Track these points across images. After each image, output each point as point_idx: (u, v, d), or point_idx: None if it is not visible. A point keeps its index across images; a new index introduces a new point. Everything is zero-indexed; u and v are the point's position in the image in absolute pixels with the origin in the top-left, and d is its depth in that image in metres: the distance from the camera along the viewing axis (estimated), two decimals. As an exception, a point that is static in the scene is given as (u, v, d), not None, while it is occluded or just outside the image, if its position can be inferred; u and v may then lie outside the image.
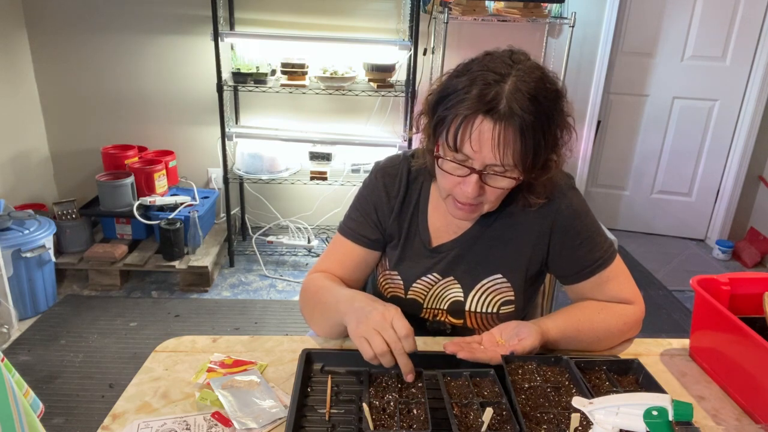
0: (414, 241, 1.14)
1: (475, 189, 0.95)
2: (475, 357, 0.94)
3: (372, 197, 1.14)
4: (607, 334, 1.06)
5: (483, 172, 0.94)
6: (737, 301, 1.03)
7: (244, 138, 3.06)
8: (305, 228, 3.33)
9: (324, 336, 1.09)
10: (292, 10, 3.05)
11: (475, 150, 0.92)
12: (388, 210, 1.14)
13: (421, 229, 1.14)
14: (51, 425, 1.90)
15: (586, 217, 1.08)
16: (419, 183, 1.14)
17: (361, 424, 0.86)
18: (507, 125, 0.89)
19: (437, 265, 1.13)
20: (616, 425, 0.72)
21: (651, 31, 3.32)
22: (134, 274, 2.93)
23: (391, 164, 1.15)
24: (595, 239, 1.08)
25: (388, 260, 1.18)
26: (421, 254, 1.14)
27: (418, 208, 1.14)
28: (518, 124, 0.89)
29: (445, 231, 1.13)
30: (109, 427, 0.86)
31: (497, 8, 2.99)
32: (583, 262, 1.08)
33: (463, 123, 0.91)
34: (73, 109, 3.17)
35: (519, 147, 0.91)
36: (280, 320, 2.61)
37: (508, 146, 0.90)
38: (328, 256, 1.17)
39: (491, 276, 1.11)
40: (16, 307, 2.41)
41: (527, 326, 0.99)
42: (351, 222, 1.16)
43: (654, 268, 3.27)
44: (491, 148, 0.90)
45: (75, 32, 3.03)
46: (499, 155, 0.91)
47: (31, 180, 3.10)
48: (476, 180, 0.95)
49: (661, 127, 3.51)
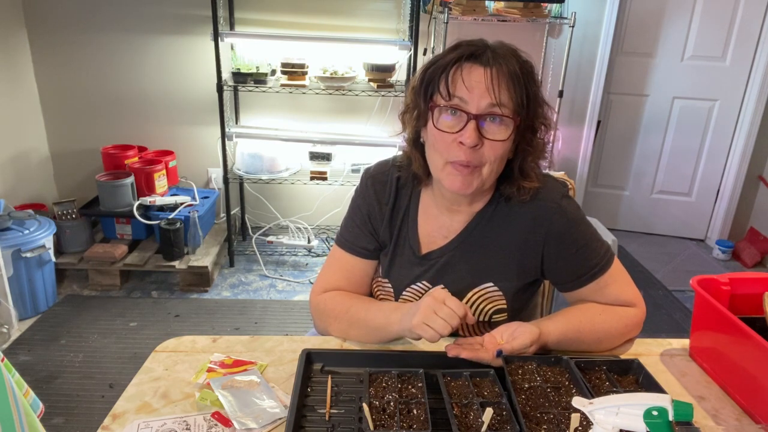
0: (404, 248, 1.14)
1: (474, 135, 0.95)
2: (477, 357, 0.95)
3: (364, 206, 1.15)
4: (607, 336, 1.06)
5: (480, 116, 0.95)
6: (737, 301, 1.03)
7: (244, 138, 3.06)
8: (305, 228, 3.33)
9: (370, 343, 1.10)
10: (292, 10, 3.05)
11: (468, 89, 0.95)
12: (380, 217, 1.14)
13: (411, 235, 1.13)
14: (51, 425, 1.90)
15: (580, 225, 1.07)
16: (409, 189, 1.14)
17: (361, 424, 0.86)
18: (496, 69, 0.95)
19: (426, 273, 1.12)
20: (616, 425, 0.72)
21: (651, 31, 3.32)
22: (134, 274, 2.93)
23: (381, 170, 1.16)
24: (591, 246, 1.07)
25: (380, 267, 1.18)
26: (411, 262, 1.13)
27: (408, 215, 1.14)
28: (506, 68, 0.96)
29: (434, 238, 1.12)
30: (109, 427, 0.86)
31: (497, 8, 2.99)
32: (581, 269, 1.07)
33: (453, 68, 0.96)
34: (73, 109, 3.17)
35: (511, 85, 0.96)
36: (280, 320, 2.61)
37: (500, 84, 0.95)
38: (331, 272, 1.16)
39: (482, 285, 1.10)
40: (16, 307, 2.41)
41: (526, 327, 0.99)
42: (348, 234, 1.16)
43: (654, 268, 3.27)
44: (485, 87, 0.95)
45: (75, 32, 3.03)
46: (494, 92, 0.94)
47: (31, 180, 3.10)
48: (474, 126, 0.95)
49: (661, 127, 3.51)
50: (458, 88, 0.95)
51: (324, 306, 1.12)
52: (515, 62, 0.97)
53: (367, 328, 1.06)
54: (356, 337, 1.09)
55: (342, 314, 1.09)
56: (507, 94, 0.95)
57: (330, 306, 1.11)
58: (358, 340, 1.09)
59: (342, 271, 1.16)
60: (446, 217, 1.11)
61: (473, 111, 0.95)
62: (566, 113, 3.37)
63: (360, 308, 1.08)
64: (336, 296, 1.12)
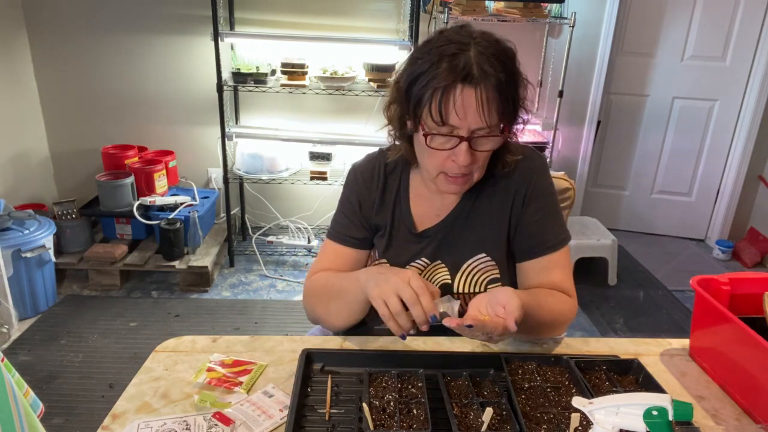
0: (400, 228, 1.17)
1: (467, 156, 0.97)
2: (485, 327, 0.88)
3: (353, 195, 1.18)
4: (556, 317, 1.06)
5: (471, 137, 0.97)
6: (737, 301, 1.03)
7: (244, 138, 3.06)
8: (305, 228, 3.33)
9: (345, 325, 1.10)
10: (292, 10, 3.05)
11: (461, 118, 0.95)
12: (370, 203, 1.17)
13: (405, 216, 1.16)
14: (51, 425, 1.89)
15: (549, 197, 1.13)
16: (398, 173, 1.18)
17: (361, 424, 0.86)
18: (485, 87, 0.93)
19: (425, 249, 1.15)
20: (616, 425, 0.72)
21: (651, 31, 3.32)
22: (134, 274, 2.93)
23: (367, 161, 1.20)
24: (552, 221, 1.12)
25: (376, 250, 1.20)
26: (409, 240, 1.16)
27: (400, 197, 1.17)
28: (494, 83, 0.94)
29: (428, 216, 1.16)
30: (109, 427, 0.86)
31: (497, 8, 2.99)
32: (536, 239, 1.11)
33: (444, 95, 0.94)
34: (73, 109, 3.17)
35: (500, 104, 0.95)
36: (280, 320, 2.61)
37: (491, 106, 0.94)
38: (321, 261, 1.19)
39: (476, 256, 1.13)
40: (16, 307, 2.41)
41: (501, 291, 0.94)
42: (337, 225, 1.19)
43: (654, 268, 3.27)
44: (476, 113, 0.94)
45: (75, 32, 3.03)
46: (484, 117, 0.94)
47: (31, 180, 3.10)
48: (466, 148, 0.97)
49: (661, 127, 3.51)
50: (451, 116, 0.95)
51: (310, 288, 1.15)
52: (499, 63, 0.94)
53: (341, 297, 1.08)
54: (336, 312, 1.09)
55: (323, 290, 1.12)
56: (496, 111, 0.95)
57: (315, 286, 1.14)
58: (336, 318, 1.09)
59: (330, 258, 1.18)
60: (437, 197, 1.15)
61: (465, 135, 0.97)
62: (566, 113, 3.36)
63: (336, 279, 1.11)
64: (321, 275, 1.15)
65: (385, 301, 0.93)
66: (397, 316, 0.92)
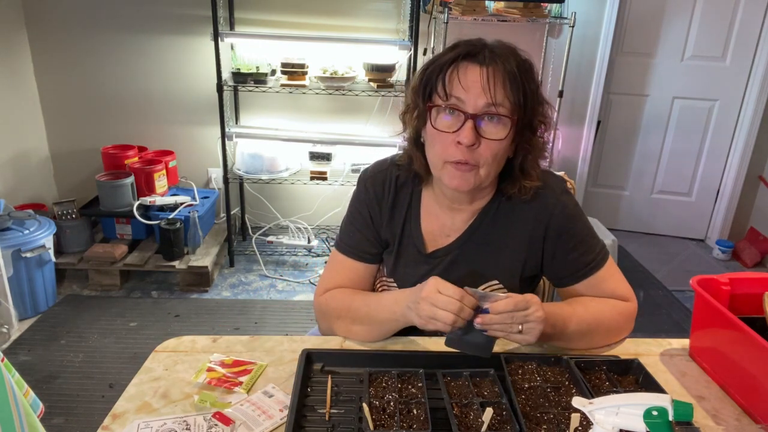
0: (408, 247, 1.14)
1: (471, 135, 0.96)
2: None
3: (365, 208, 1.15)
4: (599, 322, 1.05)
5: (477, 115, 0.96)
6: (737, 301, 1.03)
7: (244, 138, 3.06)
8: (305, 228, 3.33)
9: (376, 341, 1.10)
10: (292, 10, 3.05)
11: (465, 89, 0.96)
12: (380, 217, 1.14)
13: (415, 234, 1.13)
14: (51, 425, 1.89)
15: (579, 221, 1.09)
16: (409, 188, 1.14)
17: (361, 424, 0.86)
18: (493, 68, 0.96)
19: (433, 271, 1.12)
20: (616, 425, 0.72)
21: (651, 31, 3.32)
22: (134, 274, 2.92)
23: (379, 170, 1.16)
24: (588, 242, 1.08)
25: (384, 267, 1.18)
26: (417, 261, 1.13)
27: (410, 214, 1.14)
28: (502, 68, 0.96)
29: (437, 236, 1.13)
30: (109, 427, 0.86)
31: (497, 8, 2.99)
32: (577, 264, 1.08)
33: (450, 68, 0.98)
34: (73, 109, 3.17)
35: (507, 84, 0.97)
36: (280, 320, 2.61)
37: (497, 83, 0.96)
38: (333, 275, 1.16)
39: (488, 283, 1.11)
40: (16, 307, 2.41)
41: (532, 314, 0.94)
42: (349, 239, 1.16)
43: (654, 268, 3.27)
44: (481, 86, 0.95)
45: (75, 32, 3.03)
46: (489, 92, 0.95)
47: (31, 180, 3.10)
48: (471, 126, 0.96)
49: (661, 127, 3.51)
50: (455, 88, 0.96)
51: (326, 306, 1.12)
52: (513, 61, 0.98)
53: (371, 324, 1.07)
54: (360, 333, 1.09)
55: (344, 312, 1.09)
56: (503, 93, 0.96)
57: (332, 305, 1.11)
58: (362, 337, 1.09)
59: (343, 273, 1.16)
60: (448, 215, 1.12)
61: (470, 110, 0.96)
62: (566, 113, 3.37)
63: (361, 304, 1.08)
64: (337, 294, 1.13)
65: (435, 320, 0.92)
66: (455, 324, 0.92)
